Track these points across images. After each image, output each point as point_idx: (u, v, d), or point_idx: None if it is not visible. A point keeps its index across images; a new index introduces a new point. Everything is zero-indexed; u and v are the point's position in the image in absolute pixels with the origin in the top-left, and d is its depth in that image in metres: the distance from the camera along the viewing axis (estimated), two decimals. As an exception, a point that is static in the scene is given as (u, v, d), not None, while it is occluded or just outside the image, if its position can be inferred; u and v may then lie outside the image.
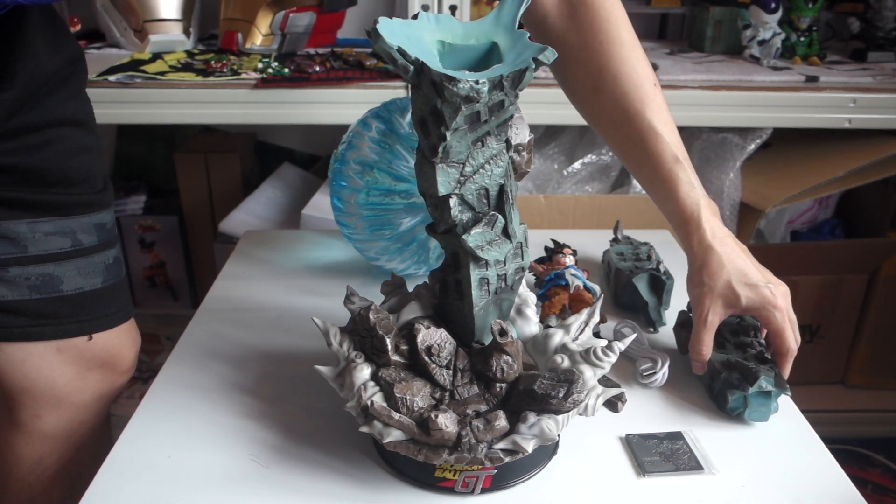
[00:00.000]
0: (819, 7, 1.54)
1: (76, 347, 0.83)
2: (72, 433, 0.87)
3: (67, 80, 0.79)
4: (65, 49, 0.80)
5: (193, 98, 1.29)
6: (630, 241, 1.01)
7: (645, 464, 0.66)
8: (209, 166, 1.61)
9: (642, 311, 0.90)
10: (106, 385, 0.88)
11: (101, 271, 0.83)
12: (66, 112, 0.78)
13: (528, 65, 0.54)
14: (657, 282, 0.89)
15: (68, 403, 0.85)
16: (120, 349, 0.88)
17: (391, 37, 0.53)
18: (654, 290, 0.90)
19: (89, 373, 0.85)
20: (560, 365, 0.63)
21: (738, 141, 1.53)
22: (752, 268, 0.73)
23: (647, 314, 0.89)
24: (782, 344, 0.73)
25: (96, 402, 0.88)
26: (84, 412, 0.87)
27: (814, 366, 1.74)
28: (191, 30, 1.53)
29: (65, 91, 0.78)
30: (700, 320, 0.73)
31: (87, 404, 0.87)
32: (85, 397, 0.86)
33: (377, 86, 1.32)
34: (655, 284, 0.90)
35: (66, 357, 0.83)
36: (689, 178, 0.75)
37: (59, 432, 0.86)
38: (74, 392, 0.85)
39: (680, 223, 0.75)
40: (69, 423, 0.86)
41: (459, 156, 0.57)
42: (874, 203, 1.69)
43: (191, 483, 0.63)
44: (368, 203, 0.88)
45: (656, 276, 0.89)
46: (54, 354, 0.82)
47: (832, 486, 0.65)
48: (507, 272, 0.64)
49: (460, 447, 0.58)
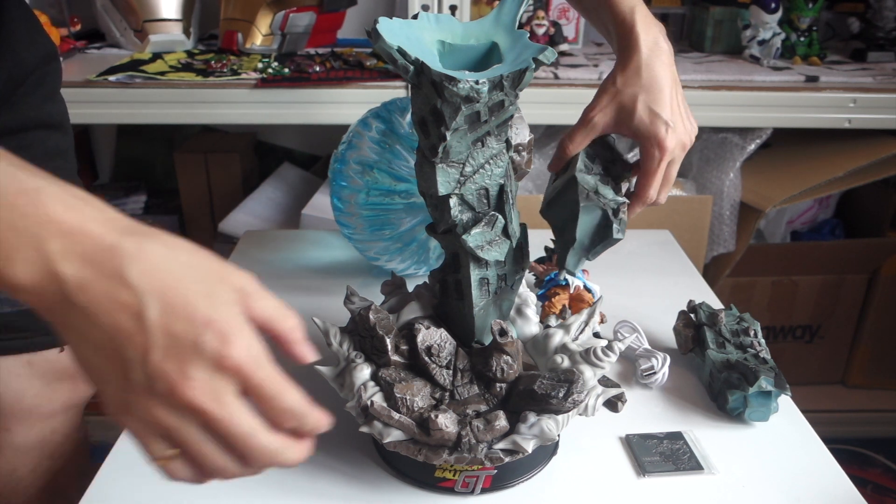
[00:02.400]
0: (819, 7, 1.54)
1: (47, 360, 0.81)
2: (44, 442, 0.85)
3: (44, 80, 0.76)
4: (40, 46, 0.76)
5: (193, 98, 1.29)
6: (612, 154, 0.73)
7: (645, 464, 0.66)
8: (209, 166, 1.61)
9: (560, 241, 0.71)
10: (75, 394, 0.86)
11: None
12: (42, 114, 0.75)
13: (528, 65, 0.54)
14: (606, 228, 0.68)
15: (37, 415, 0.83)
16: None
17: (391, 37, 0.53)
18: (596, 233, 0.69)
19: (58, 383, 0.83)
20: (560, 365, 0.63)
21: (738, 141, 1.53)
22: (667, 97, 0.66)
23: (562, 249, 0.70)
24: (643, 186, 0.67)
25: (66, 410, 0.86)
26: (54, 421, 0.85)
27: (814, 366, 1.74)
28: (191, 30, 1.53)
29: (41, 92, 0.75)
30: (584, 116, 0.67)
31: (56, 413, 0.85)
32: (54, 406, 0.84)
33: (377, 86, 1.32)
34: (603, 231, 0.69)
35: (35, 370, 0.80)
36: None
37: (30, 443, 0.84)
38: (43, 403, 0.83)
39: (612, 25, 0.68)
40: (39, 433, 0.84)
41: (459, 156, 0.57)
42: (874, 203, 1.69)
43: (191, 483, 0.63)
44: (368, 203, 0.88)
45: (608, 221, 0.68)
46: (24, 368, 0.79)
47: (832, 486, 0.65)
48: (507, 272, 0.64)
49: (460, 447, 0.58)
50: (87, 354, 0.39)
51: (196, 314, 0.38)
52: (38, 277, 0.37)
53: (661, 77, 0.65)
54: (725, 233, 1.54)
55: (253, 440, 0.40)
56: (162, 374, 0.37)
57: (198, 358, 0.38)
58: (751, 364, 0.72)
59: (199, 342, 0.38)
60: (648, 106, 0.65)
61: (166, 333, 0.37)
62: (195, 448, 0.40)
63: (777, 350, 1.67)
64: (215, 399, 0.38)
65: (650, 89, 0.65)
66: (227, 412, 0.39)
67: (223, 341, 0.38)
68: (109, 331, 0.38)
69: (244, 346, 0.39)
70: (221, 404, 0.38)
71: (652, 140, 0.65)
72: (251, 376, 0.39)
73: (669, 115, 0.65)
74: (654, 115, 0.65)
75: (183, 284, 0.38)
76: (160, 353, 0.37)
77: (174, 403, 0.38)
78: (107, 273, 0.37)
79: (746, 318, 0.80)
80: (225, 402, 0.39)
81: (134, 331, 0.37)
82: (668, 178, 0.68)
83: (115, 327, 0.37)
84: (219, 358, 0.38)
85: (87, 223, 0.38)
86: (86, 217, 0.38)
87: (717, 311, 0.80)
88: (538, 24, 1.52)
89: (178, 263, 0.39)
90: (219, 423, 0.39)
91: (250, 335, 0.39)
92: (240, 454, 0.41)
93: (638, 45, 0.66)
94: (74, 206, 0.38)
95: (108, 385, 0.39)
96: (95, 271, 0.37)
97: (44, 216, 0.37)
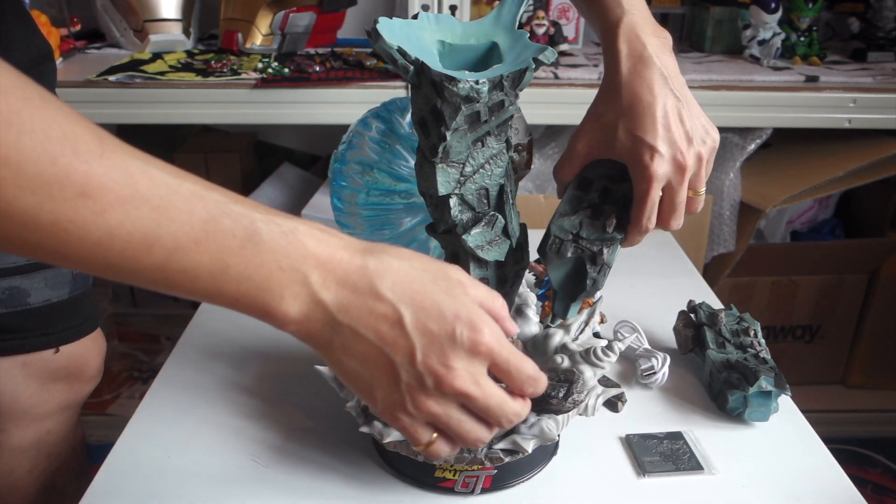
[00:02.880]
0: (819, 7, 1.54)
1: (42, 360, 0.81)
2: (40, 443, 0.85)
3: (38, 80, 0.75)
4: (34, 46, 0.76)
5: (193, 98, 1.29)
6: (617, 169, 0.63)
7: (645, 464, 0.66)
8: (209, 166, 1.61)
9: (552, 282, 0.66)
10: (71, 394, 0.86)
11: (69, 281, 0.81)
12: None
13: (528, 65, 0.54)
14: (580, 278, 0.64)
15: (33, 415, 0.83)
16: (86, 358, 0.86)
17: (391, 37, 0.53)
18: (572, 283, 0.64)
19: (53, 384, 0.83)
20: (560, 365, 0.63)
21: (738, 141, 1.53)
22: (657, 118, 0.58)
23: (553, 294, 0.67)
24: (634, 216, 0.61)
25: (62, 411, 0.86)
26: (50, 421, 0.85)
27: (814, 366, 1.74)
28: (191, 30, 1.52)
29: None
30: (569, 144, 0.63)
31: (51, 414, 0.85)
32: (49, 407, 0.84)
33: (377, 86, 1.31)
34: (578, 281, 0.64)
35: (30, 370, 0.81)
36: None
37: (26, 443, 0.84)
38: (38, 404, 0.83)
39: (601, 33, 0.62)
40: (35, 433, 0.84)
41: (459, 156, 0.57)
42: (874, 203, 1.69)
43: (191, 483, 0.63)
44: (368, 203, 0.88)
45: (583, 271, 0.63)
46: (19, 369, 0.80)
47: (832, 486, 0.65)
48: (507, 272, 0.64)
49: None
50: (353, 368, 0.44)
51: (445, 312, 0.44)
52: (306, 308, 0.43)
53: (644, 96, 0.58)
54: (725, 233, 1.54)
55: (504, 408, 0.46)
56: (429, 369, 0.43)
57: (456, 349, 0.43)
58: (751, 364, 0.72)
59: (454, 335, 0.43)
60: (630, 130, 0.58)
61: (425, 333, 0.43)
62: (456, 427, 0.46)
63: (777, 350, 1.67)
64: (475, 382, 0.45)
65: (631, 111, 0.58)
66: (486, 392, 0.45)
67: (473, 329, 0.44)
68: (375, 341, 0.43)
69: (490, 330, 0.44)
70: (480, 386, 0.45)
71: (637, 167, 0.59)
72: (498, 355, 0.45)
73: (656, 138, 0.57)
74: (637, 140, 0.58)
75: (427, 287, 0.44)
76: (424, 352, 0.43)
77: (442, 393, 0.44)
78: (363, 291, 0.43)
79: (746, 318, 0.80)
80: (482, 384, 0.45)
81: (397, 336, 0.43)
82: (673, 205, 0.60)
83: (380, 337, 0.43)
84: (473, 345, 0.44)
85: (335, 252, 0.43)
86: (333, 246, 0.43)
87: (717, 311, 0.80)
88: (538, 23, 1.52)
89: (416, 270, 0.45)
90: (478, 402, 0.45)
91: (490, 319, 0.45)
92: (492, 422, 0.47)
93: (618, 62, 0.59)
94: (322, 238, 0.43)
95: (378, 390, 0.45)
96: (352, 292, 0.43)
97: (303, 253, 0.42)
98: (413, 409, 0.45)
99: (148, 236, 0.38)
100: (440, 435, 0.47)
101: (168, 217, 0.39)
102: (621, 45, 0.60)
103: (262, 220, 0.41)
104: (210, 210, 0.40)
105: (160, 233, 0.39)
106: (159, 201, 0.39)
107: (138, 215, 0.38)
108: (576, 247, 0.61)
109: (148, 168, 0.39)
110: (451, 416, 0.45)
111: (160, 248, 0.39)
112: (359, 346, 0.44)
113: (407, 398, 0.44)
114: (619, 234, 0.62)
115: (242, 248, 0.40)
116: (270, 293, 0.42)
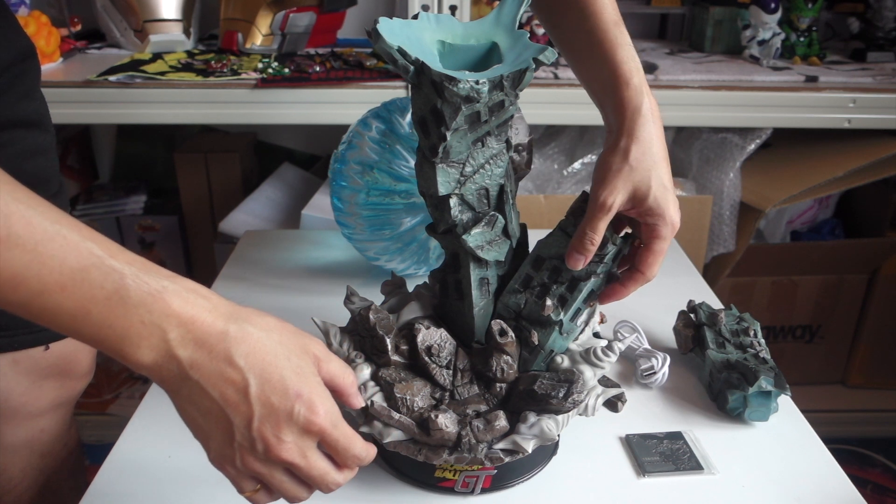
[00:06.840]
0: (819, 7, 1.54)
1: (32, 358, 0.80)
2: (33, 441, 0.84)
3: (19, 78, 0.75)
4: (14, 43, 0.75)
5: (193, 98, 1.29)
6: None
7: (645, 464, 0.66)
8: (209, 166, 1.61)
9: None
10: (63, 392, 0.86)
11: None
12: (19, 113, 0.75)
13: (528, 65, 0.54)
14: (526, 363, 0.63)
15: (24, 413, 0.82)
16: (76, 355, 0.85)
17: (391, 37, 0.53)
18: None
19: (45, 381, 0.83)
20: (560, 365, 0.63)
21: (738, 141, 1.53)
22: (666, 166, 0.61)
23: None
24: (650, 266, 0.63)
25: (54, 409, 0.85)
26: (43, 420, 0.85)
27: (814, 366, 1.74)
28: (191, 30, 1.52)
29: (17, 90, 0.74)
30: (600, 202, 0.60)
31: (44, 412, 0.84)
32: (42, 405, 0.84)
33: (377, 86, 1.31)
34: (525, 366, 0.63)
35: (21, 368, 0.80)
36: (629, 42, 0.63)
37: (19, 442, 0.83)
38: (30, 402, 0.82)
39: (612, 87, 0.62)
40: (28, 432, 0.83)
41: (459, 156, 0.57)
42: (874, 203, 1.69)
43: (191, 483, 0.63)
44: (368, 203, 0.88)
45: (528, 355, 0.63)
46: (9, 367, 0.79)
47: (832, 486, 0.65)
48: (507, 272, 0.64)
49: (460, 447, 0.58)
50: (195, 417, 0.48)
51: (289, 389, 0.47)
52: (160, 359, 0.46)
53: (664, 148, 0.61)
54: (725, 233, 1.54)
55: (325, 478, 0.51)
56: (262, 436, 0.47)
57: (291, 424, 0.48)
58: (751, 364, 0.72)
59: (292, 412, 0.47)
60: (662, 182, 0.60)
61: (265, 405, 0.47)
62: (278, 486, 0.51)
63: (777, 350, 1.67)
64: (302, 455, 0.49)
65: (660, 163, 0.60)
66: (310, 464, 0.50)
67: (310, 410, 0.48)
68: (218, 401, 0.47)
69: (325, 412, 0.49)
70: (306, 458, 0.49)
71: (664, 218, 0.60)
72: (329, 435, 0.50)
73: (672, 186, 0.61)
74: (667, 190, 0.60)
75: (277, 362, 0.48)
76: (260, 420, 0.47)
77: (269, 459, 0.48)
78: (217, 354, 0.46)
79: (746, 318, 0.80)
80: (308, 456, 0.49)
81: (239, 402, 0.47)
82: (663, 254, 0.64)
83: (224, 398, 0.47)
84: (307, 423, 0.48)
85: (199, 314, 0.46)
86: (199, 308, 0.46)
87: (717, 311, 0.80)
88: (538, 23, 1.52)
89: (273, 343, 0.48)
90: (302, 471, 0.50)
91: (329, 400, 0.50)
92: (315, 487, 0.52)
93: (645, 114, 0.60)
94: (189, 299, 0.46)
95: (212, 441, 0.49)
96: (207, 353, 0.46)
97: (166, 312, 0.45)
98: (241, 465, 0.49)
99: (16, 276, 0.42)
100: (262, 488, 0.51)
101: (39, 261, 0.42)
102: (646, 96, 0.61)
103: (133, 276, 0.44)
104: (82, 261, 0.43)
105: (28, 274, 0.42)
106: (33, 245, 0.42)
107: (9, 256, 0.41)
108: (515, 326, 0.63)
109: (28, 212, 0.42)
110: (273, 476, 0.50)
111: (25, 289, 0.42)
112: (204, 401, 0.47)
113: (237, 455, 0.48)
114: (555, 317, 0.61)
115: (108, 299, 0.44)
116: (129, 341, 0.45)
